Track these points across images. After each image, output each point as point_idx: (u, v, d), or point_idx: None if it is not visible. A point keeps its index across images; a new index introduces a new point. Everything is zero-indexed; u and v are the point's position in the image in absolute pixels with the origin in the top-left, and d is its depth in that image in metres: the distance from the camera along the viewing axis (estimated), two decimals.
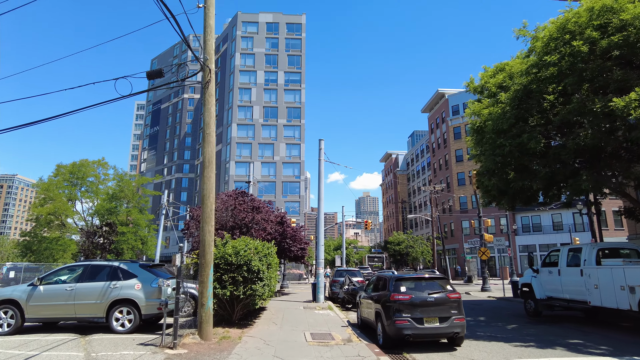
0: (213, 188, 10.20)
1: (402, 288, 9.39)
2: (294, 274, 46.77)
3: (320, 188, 20.37)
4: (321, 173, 20.56)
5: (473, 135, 15.08)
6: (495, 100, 13.52)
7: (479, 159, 14.88)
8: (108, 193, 43.11)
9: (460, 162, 61.01)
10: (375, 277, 11.59)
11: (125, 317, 10.22)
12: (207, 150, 10.29)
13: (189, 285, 11.89)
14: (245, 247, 11.43)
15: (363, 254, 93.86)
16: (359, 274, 21.28)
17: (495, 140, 12.67)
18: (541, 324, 13.27)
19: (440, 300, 9.20)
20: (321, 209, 20.13)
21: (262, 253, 11.82)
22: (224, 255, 11.11)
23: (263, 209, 23.50)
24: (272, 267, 12.78)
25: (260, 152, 66.40)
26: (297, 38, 71.71)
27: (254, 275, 11.08)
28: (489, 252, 28.47)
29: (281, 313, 14.99)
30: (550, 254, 14.92)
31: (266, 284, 11.57)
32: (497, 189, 14.37)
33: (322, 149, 20.90)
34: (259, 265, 11.15)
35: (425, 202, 75.54)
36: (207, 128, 10.37)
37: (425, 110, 73.17)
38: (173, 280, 11.70)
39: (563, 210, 51.08)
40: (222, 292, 10.81)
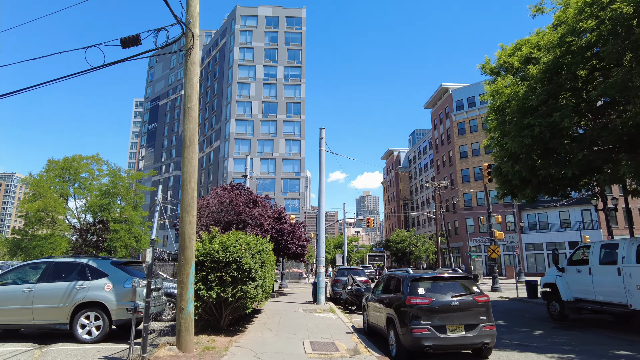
0: (195, 172, 8.67)
1: (419, 290, 7.86)
2: (294, 273, 45.27)
3: (321, 180, 18.85)
4: (322, 164, 19.04)
5: (492, 117, 13.46)
6: (520, 77, 11.95)
7: (499, 143, 13.26)
8: (101, 189, 41.52)
9: (464, 158, 59.44)
10: (385, 277, 10.06)
11: (92, 324, 8.70)
12: (188, 127, 8.76)
13: (169, 285, 10.38)
14: (235, 243, 9.92)
15: (364, 252, 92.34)
16: (363, 273, 19.75)
17: (521, 121, 11.11)
18: (570, 329, 11.75)
19: (466, 305, 7.68)
20: (322, 202, 18.61)
21: (254, 249, 10.30)
22: (210, 252, 9.60)
23: (260, 204, 21.97)
24: (267, 265, 11.25)
25: (260, 149, 64.85)
26: (297, 32, 70.10)
27: (245, 275, 9.56)
28: (499, 249, 26.94)
29: (278, 316, 13.47)
30: (579, 250, 13.39)
31: (259, 284, 10.05)
32: (519, 178, 12.80)
33: (323, 138, 19.38)
34: (250, 263, 9.63)
35: (427, 200, 74.01)
36: (189, 101, 8.84)
37: (428, 106, 71.60)
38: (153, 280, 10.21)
39: (571, 207, 49.55)
40: (208, 294, 9.29)
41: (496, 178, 15.24)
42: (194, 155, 8.68)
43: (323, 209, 18.58)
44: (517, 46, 13.65)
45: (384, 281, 9.92)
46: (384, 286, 9.75)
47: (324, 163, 19.07)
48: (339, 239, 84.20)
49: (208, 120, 76.74)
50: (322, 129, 19.56)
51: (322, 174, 18.90)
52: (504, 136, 12.56)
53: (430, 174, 72.72)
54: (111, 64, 9.13)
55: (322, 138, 19.37)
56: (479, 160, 57.73)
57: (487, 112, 14.16)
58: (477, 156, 58.09)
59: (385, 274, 10.27)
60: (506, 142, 11.73)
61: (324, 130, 19.54)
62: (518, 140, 11.02)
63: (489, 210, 27.48)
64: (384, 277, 10.18)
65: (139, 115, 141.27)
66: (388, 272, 10.18)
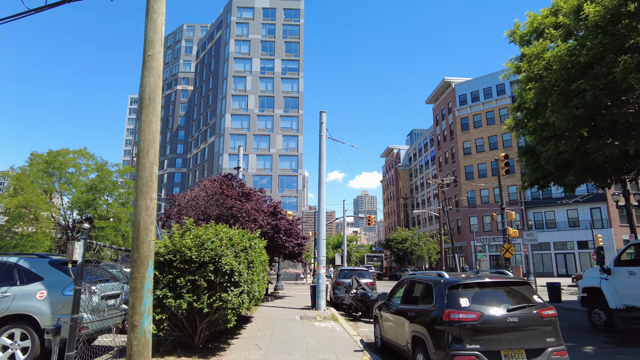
0: (156, 141, 6.45)
1: (462, 300, 5.70)
2: (290, 273, 43.07)
3: (321, 168, 16.68)
4: (322, 151, 16.87)
5: (532, 86, 11.18)
6: (565, 33, 9.80)
7: (536, 119, 11.06)
8: (86, 184, 39.19)
9: (468, 154, 57.34)
10: (406, 282, 7.88)
11: (18, 344, 6.50)
12: (148, 81, 6.54)
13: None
14: (213, 237, 7.73)
15: (363, 252, 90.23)
16: (368, 274, 17.59)
17: (568, 88, 8.97)
18: (630, 344, 9.63)
19: (528, 321, 5.54)
20: (322, 193, 16.43)
21: (239, 246, 8.12)
22: (181, 249, 7.41)
23: (254, 197, 19.80)
24: (257, 266, 9.05)
25: (256, 144, 62.58)
26: (295, 24, 67.88)
27: (225, 279, 7.38)
28: (514, 249, 24.85)
29: (270, 327, 11.28)
30: (629, 249, 11.26)
31: (245, 290, 7.87)
32: (558, 162, 10.65)
33: (323, 122, 17.23)
34: (232, 264, 7.45)
35: (429, 199, 71.97)
36: (150, 48, 6.60)
37: (430, 101, 69.52)
38: (111, 284, 8.02)
39: (580, 205, 47.57)
40: (177, 304, 7.10)
41: (526, 163, 13.10)
42: (154, 119, 6.47)
43: (323, 201, 16.41)
44: (554, 8, 11.52)
45: (405, 287, 7.74)
46: (406, 293, 7.59)
47: (324, 150, 16.90)
48: (338, 239, 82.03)
49: (203, 115, 74.41)
50: (322, 112, 17.42)
51: (323, 162, 16.74)
52: (543, 109, 10.40)
53: (431, 171, 70.66)
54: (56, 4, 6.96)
55: (322, 122, 17.22)
56: (483, 157, 55.75)
57: (521, 83, 11.98)
58: (481, 152, 56.05)
59: (407, 277, 8.08)
60: (547, 117, 9.57)
61: (324, 114, 17.39)
62: (565, 112, 8.87)
63: (502, 207, 25.36)
64: (405, 282, 8.00)
65: (133, 112, 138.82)
66: (410, 276, 7.99)
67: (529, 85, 10.69)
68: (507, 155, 20.85)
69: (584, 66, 8.67)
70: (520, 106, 12.87)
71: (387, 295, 8.63)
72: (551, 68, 10.05)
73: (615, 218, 45.85)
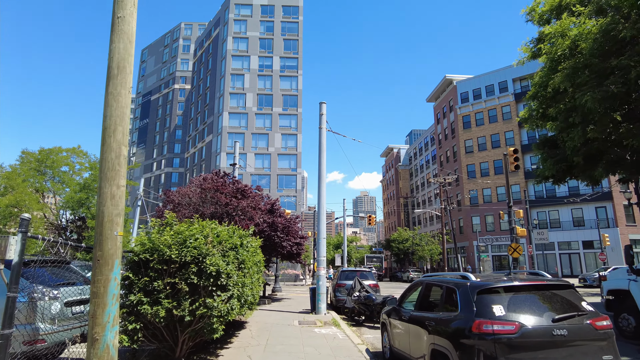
0: (125, 118, 5.41)
1: (495, 308, 4.65)
2: (289, 274, 42.00)
3: (321, 163, 15.64)
4: (322, 144, 15.83)
5: (564, 66, 10.06)
6: (595, 9, 8.76)
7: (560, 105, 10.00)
8: (79, 183, 38.07)
9: (470, 153, 56.33)
10: (422, 285, 6.82)
11: None
12: (117, 47, 5.48)
13: None
14: (197, 234, 6.69)
15: (363, 253, 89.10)
16: (371, 275, 16.55)
17: (603, 64, 7.94)
18: None
19: (579, 334, 4.49)
20: (322, 190, 15.39)
21: (228, 244, 7.08)
22: (158, 247, 6.36)
23: (249, 195, 18.75)
24: (248, 267, 8.00)
25: (254, 143, 61.49)
26: (294, 21, 66.87)
27: (210, 282, 6.33)
28: (522, 248, 23.83)
29: (265, 334, 10.23)
30: None
31: (234, 295, 6.82)
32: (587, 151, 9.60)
33: (323, 114, 16.20)
34: (219, 264, 6.41)
35: (429, 198, 70.96)
36: (121, 9, 5.53)
37: (431, 100, 68.55)
38: (79, 287, 6.97)
39: (584, 204, 46.61)
40: (153, 311, 6.05)
41: (544, 156, 12.05)
42: (123, 91, 5.42)
43: (323, 197, 15.36)
44: None
45: (420, 290, 6.69)
46: (421, 298, 6.54)
47: (324, 143, 15.86)
48: (337, 239, 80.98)
49: (200, 114, 73.35)
50: (322, 103, 16.39)
51: (323, 155, 15.70)
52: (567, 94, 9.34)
53: (432, 170, 69.64)
54: None
55: (322, 114, 16.18)
56: (485, 155, 54.77)
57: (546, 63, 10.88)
58: (483, 151, 55.06)
59: (421, 279, 7.02)
60: (577, 99, 8.49)
61: (324, 105, 16.36)
62: (600, 91, 7.81)
63: (510, 204, 24.30)
64: (419, 285, 6.95)
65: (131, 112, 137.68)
66: (425, 277, 6.94)
67: (563, 63, 9.51)
68: (516, 150, 19.81)
69: (622, 42, 7.64)
70: (537, 94, 11.79)
71: (398, 300, 7.58)
72: (577, 47, 9.01)
73: (621, 217, 44.88)
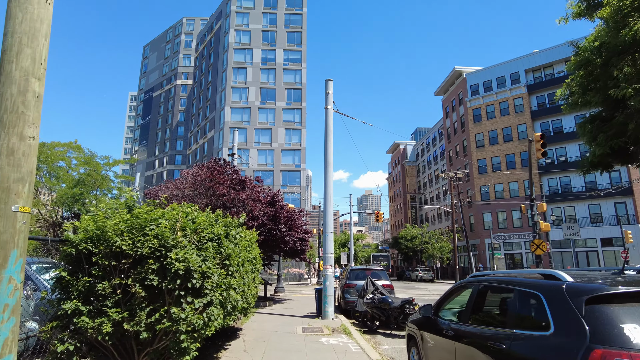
0: (40, 34, 3.58)
1: (626, 329, 2.78)
2: (293, 273, 40.21)
3: (328, 148, 13.82)
4: (329, 126, 14.01)
5: (616, 26, 8.11)
6: None
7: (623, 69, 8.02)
8: (75, 178, 36.58)
9: (481, 147, 54.23)
10: (472, 286, 4.92)
11: None
12: None
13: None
14: (160, 218, 4.89)
15: (369, 251, 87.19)
16: (384, 274, 14.72)
17: None
18: None
19: None
20: (329, 179, 13.56)
21: (206, 233, 5.28)
22: (106, 234, 4.56)
23: (249, 186, 16.99)
24: (236, 264, 6.19)
25: (257, 138, 59.78)
26: (298, 13, 65.01)
27: (177, 284, 4.52)
28: (546, 245, 21.88)
29: (262, 346, 8.43)
30: None
31: (214, 301, 5.00)
32: None
33: (329, 92, 14.36)
34: (190, 260, 4.59)
35: (437, 195, 68.93)
36: None
37: (439, 93, 66.47)
38: None
39: (602, 200, 44.41)
40: (95, 325, 4.27)
41: (590, 135, 10.13)
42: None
43: (330, 187, 13.52)
44: None
45: (472, 295, 4.81)
46: (473, 305, 4.68)
47: (331, 125, 14.04)
48: (343, 237, 79.15)
49: (202, 109, 71.76)
50: (328, 80, 14.55)
51: (329, 139, 13.88)
52: None
53: (440, 166, 67.60)
54: None
55: (328, 92, 14.35)
56: (496, 150, 52.68)
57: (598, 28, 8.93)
58: (494, 145, 52.96)
59: (471, 279, 5.15)
60: None
61: (330, 83, 14.52)
62: None
63: (533, 197, 22.31)
64: (466, 286, 5.09)
65: (133, 110, 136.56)
66: (478, 276, 5.07)
67: (618, 21, 7.57)
68: (543, 135, 17.83)
69: None
70: (587, 62, 9.80)
71: (433, 307, 5.72)
72: None
73: None
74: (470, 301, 4.76)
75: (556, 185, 48.70)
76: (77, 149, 40.15)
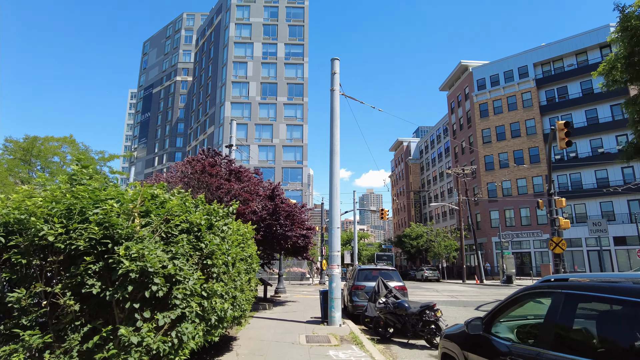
0: None
1: None
2: (294, 272, 38.82)
3: (334, 133, 12.40)
4: (335, 109, 12.59)
5: None
6: None
7: None
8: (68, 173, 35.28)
9: (488, 143, 52.70)
10: (547, 296, 3.46)
11: None
12: None
13: None
14: (108, 197, 3.46)
15: (372, 250, 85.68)
16: (396, 275, 13.30)
17: None
18: None
19: None
20: (336, 166, 12.13)
21: (177, 222, 3.86)
22: (26, 218, 3.14)
23: (246, 178, 15.60)
24: (222, 263, 4.77)
25: (258, 134, 58.35)
26: (299, 7, 63.51)
27: (126, 292, 3.09)
28: (565, 243, 20.44)
29: (258, 359, 7.01)
30: None
31: (188, 314, 3.58)
32: None
33: (336, 72, 12.93)
34: (148, 259, 3.15)
35: (442, 193, 67.40)
36: None
37: (444, 88, 64.91)
38: None
39: (615, 197, 42.86)
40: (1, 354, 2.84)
41: None
42: None
43: (337, 175, 12.09)
44: None
45: (552, 308, 3.35)
46: (550, 322, 3.24)
47: (337, 108, 12.61)
48: (344, 236, 77.68)
49: (202, 105, 70.37)
50: (334, 59, 13.12)
51: (336, 123, 12.45)
52: None
53: (445, 164, 66.03)
54: None
55: (334, 73, 12.92)
56: (504, 145, 51.14)
57: None
58: (502, 140, 51.42)
59: (553, 284, 3.67)
60: None
61: (337, 62, 13.09)
62: None
63: (550, 192, 20.84)
64: (537, 294, 3.67)
65: (133, 107, 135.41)
66: (564, 279, 3.62)
67: None
68: (567, 123, 16.33)
69: None
70: (636, 30, 8.38)
71: (484, 321, 4.29)
72: None
73: None
74: (550, 317, 3.33)
75: (566, 182, 47.17)
76: (72, 144, 38.86)
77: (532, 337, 3.88)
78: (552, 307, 3.33)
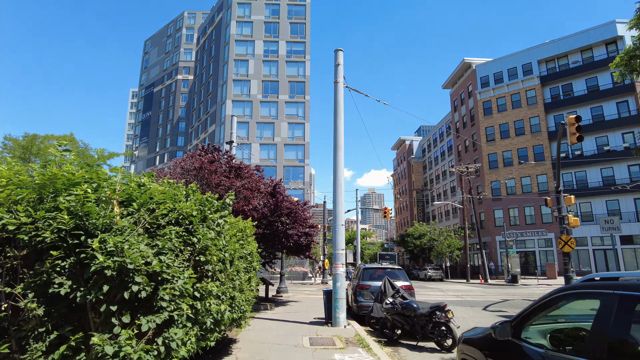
0: None
1: None
2: (296, 272, 38.36)
3: (338, 127, 11.92)
4: (339, 102, 12.10)
5: None
6: None
7: None
8: None
9: (492, 141, 52.11)
10: (604, 294, 2.99)
11: None
12: None
13: None
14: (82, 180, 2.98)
15: (374, 250, 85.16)
16: (403, 275, 12.83)
17: None
18: None
19: None
20: (339, 160, 11.65)
21: (164, 211, 3.38)
22: None
23: (246, 174, 15.13)
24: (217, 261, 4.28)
25: (259, 133, 57.89)
26: (301, 4, 63.00)
27: (101, 293, 2.61)
28: (574, 241, 19.89)
29: None
30: None
31: (178, 318, 3.09)
32: None
33: (340, 64, 12.45)
34: (128, 253, 2.68)
35: (445, 192, 66.84)
36: None
37: (447, 86, 64.33)
38: None
39: (621, 195, 42.26)
40: None
41: None
42: None
43: (341, 170, 11.61)
44: None
45: (604, 311, 2.86)
46: (606, 329, 2.74)
47: (341, 101, 12.12)
48: (346, 235, 77.20)
49: (203, 103, 69.95)
50: (338, 50, 12.63)
51: (339, 116, 11.97)
52: None
53: (448, 162, 65.45)
54: None
55: (338, 64, 12.43)
56: (508, 144, 50.56)
57: None
58: (506, 139, 50.85)
59: (601, 283, 3.19)
60: None
61: (340, 54, 12.60)
62: None
63: (559, 189, 20.30)
64: (588, 294, 3.17)
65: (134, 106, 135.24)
66: (613, 278, 3.12)
67: None
68: (579, 117, 15.83)
69: None
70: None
71: (512, 324, 3.80)
72: None
73: None
74: (600, 322, 2.84)
75: (571, 180, 46.56)
76: (71, 142, 38.49)
77: (569, 344, 3.41)
78: (601, 310, 2.84)
